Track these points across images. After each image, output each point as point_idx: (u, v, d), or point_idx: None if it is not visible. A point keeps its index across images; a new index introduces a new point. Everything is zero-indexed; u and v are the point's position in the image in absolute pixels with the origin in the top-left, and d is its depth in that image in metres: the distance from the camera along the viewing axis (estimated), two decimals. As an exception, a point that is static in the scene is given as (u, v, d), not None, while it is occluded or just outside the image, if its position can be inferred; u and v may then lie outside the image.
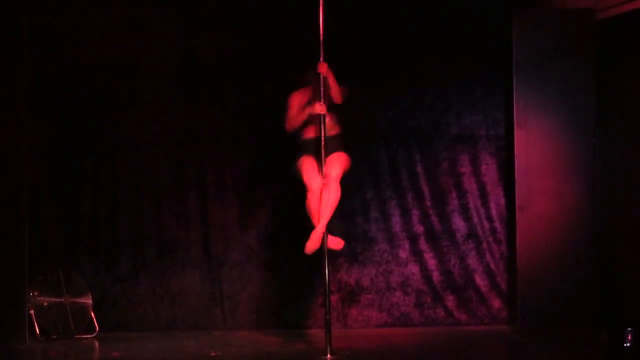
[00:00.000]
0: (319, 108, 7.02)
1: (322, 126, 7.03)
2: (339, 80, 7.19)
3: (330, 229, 7.18)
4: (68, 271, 8.08)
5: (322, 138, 7.03)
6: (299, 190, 7.27)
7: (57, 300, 7.97)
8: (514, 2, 8.14)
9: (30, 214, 7.66)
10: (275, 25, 8.37)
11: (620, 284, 7.67)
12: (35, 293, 7.86)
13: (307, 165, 7.17)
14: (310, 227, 7.01)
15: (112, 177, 8.34)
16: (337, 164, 7.17)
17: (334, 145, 7.21)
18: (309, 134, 7.25)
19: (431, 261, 8.58)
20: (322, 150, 7.04)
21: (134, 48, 8.32)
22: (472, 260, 8.60)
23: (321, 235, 6.98)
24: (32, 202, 7.83)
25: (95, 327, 8.08)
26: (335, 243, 7.25)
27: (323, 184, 7.07)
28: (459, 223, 8.64)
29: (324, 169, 7.08)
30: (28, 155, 7.64)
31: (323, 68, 7.00)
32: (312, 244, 6.94)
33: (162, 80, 8.35)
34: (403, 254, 8.59)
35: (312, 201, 7.08)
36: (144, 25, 8.32)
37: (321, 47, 6.99)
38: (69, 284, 8.06)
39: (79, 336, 8.00)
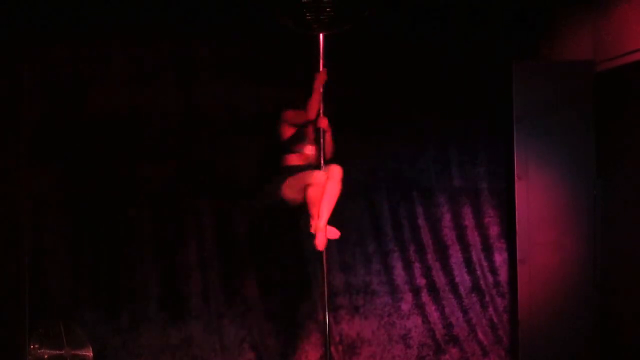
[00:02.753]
0: (323, 122, 7.05)
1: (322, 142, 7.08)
2: (342, 131, 7.26)
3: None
4: (68, 323, 8.06)
5: (322, 155, 7.06)
6: (300, 240, 7.28)
7: (58, 352, 7.93)
8: (514, 54, 8.19)
9: (31, 265, 7.67)
10: (276, 77, 8.41)
11: (622, 336, 7.61)
12: (36, 346, 7.84)
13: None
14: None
15: (112, 228, 8.34)
16: (339, 173, 7.14)
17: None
18: (294, 161, 7.26)
19: (433, 314, 8.56)
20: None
21: (135, 101, 8.31)
22: (475, 314, 8.57)
23: (325, 231, 6.94)
24: (33, 254, 7.85)
25: (95, 380, 8.07)
26: (333, 233, 7.15)
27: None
28: (461, 276, 8.63)
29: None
30: (29, 206, 7.66)
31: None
32: (320, 242, 6.94)
33: (163, 132, 8.36)
34: (405, 306, 8.56)
35: (312, 193, 7.03)
36: (145, 78, 8.35)
37: (322, 102, 7.02)
38: (70, 336, 8.03)
39: (79, 389, 8.00)
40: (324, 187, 6.97)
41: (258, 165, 8.45)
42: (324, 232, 6.92)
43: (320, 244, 6.92)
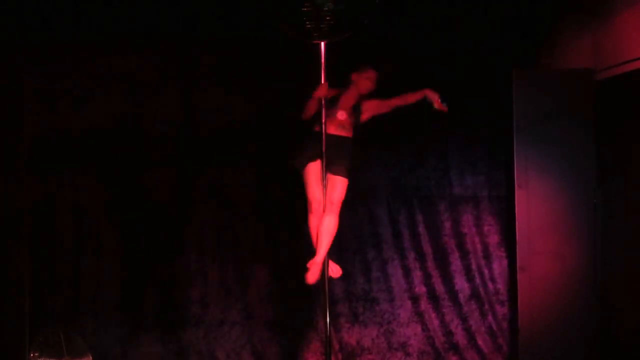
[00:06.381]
0: (340, 115, 7.02)
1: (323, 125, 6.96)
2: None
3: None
4: (68, 332, 8.05)
5: (323, 142, 6.94)
6: (298, 248, 7.27)
7: (58, 361, 7.96)
8: (514, 63, 8.18)
9: (30, 274, 7.65)
10: (277, 89, 8.39)
11: (622, 345, 7.61)
12: (36, 354, 7.83)
13: (312, 177, 6.93)
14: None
15: (112, 237, 8.34)
16: (340, 190, 6.99)
17: (344, 148, 7.08)
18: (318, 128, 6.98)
19: (433, 322, 8.55)
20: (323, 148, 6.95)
21: (136, 108, 8.34)
22: (475, 321, 8.57)
23: (321, 265, 6.82)
24: (33, 264, 7.83)
25: (95, 388, 8.06)
26: (335, 271, 7.12)
27: (325, 206, 6.92)
28: (461, 284, 8.63)
29: (327, 191, 6.92)
30: (28, 217, 7.65)
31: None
32: (312, 276, 6.75)
33: (162, 141, 8.37)
34: (404, 314, 8.56)
35: (312, 220, 6.96)
36: (146, 85, 8.35)
37: (323, 108, 7.01)
38: (70, 344, 8.01)
39: (79, 397, 7.98)
40: (321, 219, 6.90)
41: (257, 170, 8.46)
42: (319, 268, 6.81)
43: (311, 277, 6.77)
